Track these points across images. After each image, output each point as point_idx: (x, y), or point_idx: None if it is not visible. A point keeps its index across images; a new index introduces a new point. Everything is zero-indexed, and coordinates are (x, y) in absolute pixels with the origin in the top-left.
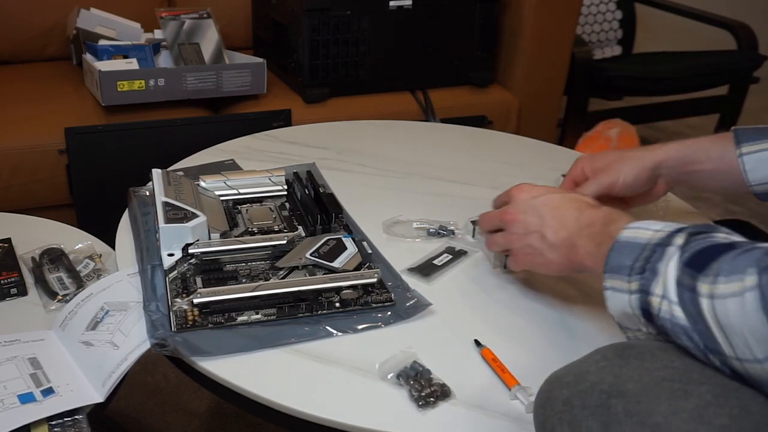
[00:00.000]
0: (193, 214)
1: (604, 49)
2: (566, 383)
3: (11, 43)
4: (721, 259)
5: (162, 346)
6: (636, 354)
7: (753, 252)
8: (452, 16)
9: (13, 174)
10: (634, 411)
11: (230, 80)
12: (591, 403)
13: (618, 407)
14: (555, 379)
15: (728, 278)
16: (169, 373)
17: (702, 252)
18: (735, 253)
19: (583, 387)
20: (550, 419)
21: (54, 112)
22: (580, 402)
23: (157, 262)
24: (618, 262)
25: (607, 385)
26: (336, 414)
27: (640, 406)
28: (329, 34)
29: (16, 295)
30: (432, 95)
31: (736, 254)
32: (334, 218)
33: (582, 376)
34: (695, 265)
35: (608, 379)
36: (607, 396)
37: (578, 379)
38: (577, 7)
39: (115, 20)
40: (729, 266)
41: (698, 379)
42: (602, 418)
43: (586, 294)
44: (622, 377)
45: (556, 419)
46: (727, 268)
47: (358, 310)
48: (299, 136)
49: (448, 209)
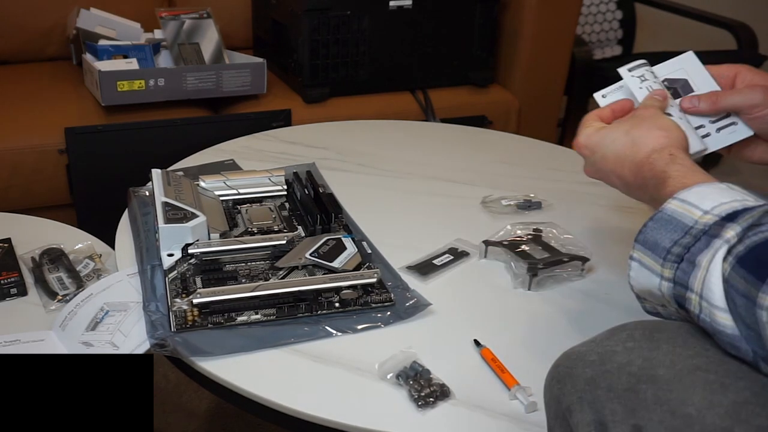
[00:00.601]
0: (193, 214)
1: (604, 49)
2: (590, 362)
3: (11, 43)
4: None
5: (162, 346)
6: (666, 338)
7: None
8: (452, 16)
9: (13, 174)
10: (664, 399)
11: (230, 80)
12: (618, 386)
13: (647, 393)
14: (576, 355)
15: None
16: (169, 373)
17: (761, 248)
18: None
19: (610, 367)
20: (568, 396)
21: (54, 112)
22: (606, 383)
23: (156, 262)
24: (654, 237)
25: (636, 367)
26: (336, 414)
27: (671, 395)
28: (329, 34)
29: (16, 295)
30: (432, 95)
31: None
32: (334, 218)
33: (608, 355)
34: (753, 267)
35: (637, 361)
36: (636, 380)
37: (603, 359)
38: (577, 7)
39: (115, 20)
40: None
41: (735, 372)
42: (629, 403)
43: (587, 294)
44: (653, 361)
45: (575, 398)
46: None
47: (358, 310)
48: (299, 136)
49: (448, 209)
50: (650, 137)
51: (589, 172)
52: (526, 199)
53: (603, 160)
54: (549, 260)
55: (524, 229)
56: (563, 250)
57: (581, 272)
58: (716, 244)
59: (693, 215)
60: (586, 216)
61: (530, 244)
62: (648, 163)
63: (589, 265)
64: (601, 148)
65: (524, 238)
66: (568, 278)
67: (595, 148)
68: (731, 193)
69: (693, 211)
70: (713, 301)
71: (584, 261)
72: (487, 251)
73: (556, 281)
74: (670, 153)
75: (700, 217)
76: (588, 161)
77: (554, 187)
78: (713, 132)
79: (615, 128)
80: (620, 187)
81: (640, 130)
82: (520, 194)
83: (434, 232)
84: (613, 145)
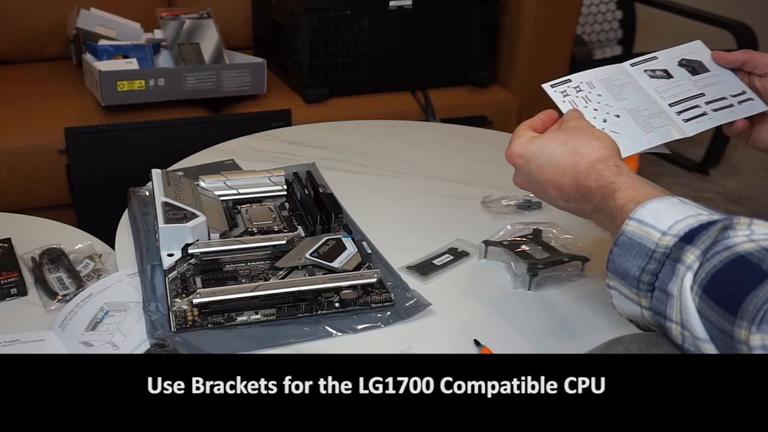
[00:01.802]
0: (193, 214)
1: (604, 49)
2: None
3: (11, 43)
4: (756, 293)
5: (162, 347)
6: (663, 352)
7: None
8: (452, 16)
9: (13, 174)
10: None
11: (230, 80)
12: None
13: None
14: None
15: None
16: None
17: (721, 274)
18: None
19: None
20: None
21: (54, 112)
22: None
23: (156, 262)
24: (623, 266)
25: None
26: None
27: None
28: (329, 34)
29: (16, 295)
30: (432, 95)
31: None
32: (334, 218)
33: None
34: (719, 297)
35: None
36: None
37: None
38: (577, 7)
39: (115, 20)
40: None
41: None
42: None
43: (587, 294)
44: None
45: None
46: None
47: (358, 311)
48: (299, 136)
49: (449, 209)
50: (591, 147)
51: (519, 182)
52: (526, 199)
53: (539, 170)
54: (549, 260)
55: (524, 229)
56: (563, 250)
57: (581, 272)
58: (680, 271)
59: (653, 237)
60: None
61: (530, 244)
62: (594, 172)
63: (589, 265)
64: (537, 158)
65: (524, 238)
66: (568, 278)
67: (531, 157)
68: (684, 208)
69: (652, 233)
70: (696, 333)
71: (584, 261)
72: (487, 251)
73: (556, 281)
74: (615, 164)
75: (659, 239)
76: (520, 171)
77: None
78: (731, 105)
79: (552, 138)
80: (555, 198)
81: (578, 140)
82: (520, 194)
83: (434, 232)
84: (551, 154)
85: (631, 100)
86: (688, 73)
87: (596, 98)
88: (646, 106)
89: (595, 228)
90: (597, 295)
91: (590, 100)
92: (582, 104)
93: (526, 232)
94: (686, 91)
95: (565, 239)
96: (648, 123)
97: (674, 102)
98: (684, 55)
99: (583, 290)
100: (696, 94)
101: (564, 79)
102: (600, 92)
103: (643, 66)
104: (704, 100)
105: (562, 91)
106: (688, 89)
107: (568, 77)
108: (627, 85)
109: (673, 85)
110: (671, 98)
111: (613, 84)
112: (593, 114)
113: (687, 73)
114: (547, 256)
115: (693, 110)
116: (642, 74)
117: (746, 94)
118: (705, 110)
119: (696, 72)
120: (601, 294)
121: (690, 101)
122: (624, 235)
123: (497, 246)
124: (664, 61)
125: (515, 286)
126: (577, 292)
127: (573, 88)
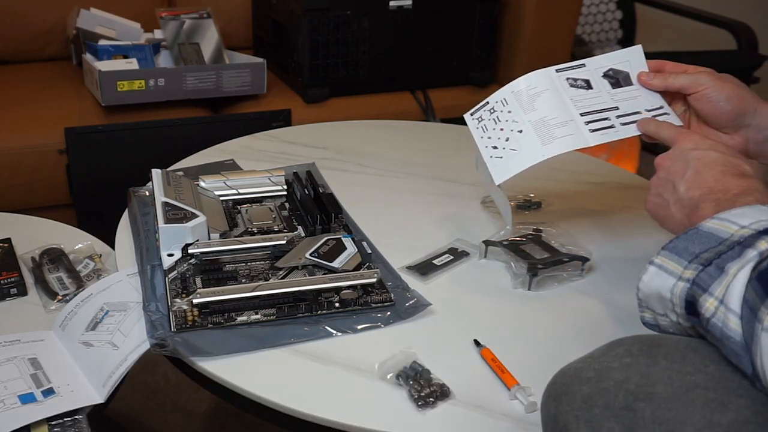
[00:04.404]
0: (193, 214)
1: (604, 49)
2: (587, 378)
3: (11, 43)
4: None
5: (162, 347)
6: (664, 353)
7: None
8: (452, 16)
9: (13, 174)
10: (662, 418)
11: (230, 80)
12: (615, 404)
13: (645, 412)
14: (573, 372)
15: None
16: (169, 373)
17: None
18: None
19: (607, 385)
20: (565, 415)
21: (54, 112)
22: (603, 401)
23: (156, 263)
24: (685, 245)
25: (634, 385)
26: (335, 414)
27: (670, 414)
28: (329, 34)
29: (16, 295)
30: (432, 95)
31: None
32: (334, 218)
33: (605, 372)
34: (765, 282)
35: (634, 378)
36: (633, 398)
37: (600, 376)
38: (577, 7)
39: (115, 20)
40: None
41: (735, 389)
42: (626, 422)
43: (587, 294)
44: (651, 378)
45: (572, 416)
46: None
47: (358, 310)
48: (299, 136)
49: (449, 209)
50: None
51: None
52: (526, 199)
53: (701, 155)
54: (549, 260)
55: (524, 229)
56: (563, 250)
57: (581, 272)
58: (749, 254)
59: (729, 230)
60: (586, 216)
61: (530, 244)
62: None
63: (589, 265)
64: (706, 154)
65: (524, 238)
66: (568, 278)
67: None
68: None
69: (730, 227)
70: (731, 305)
71: (584, 261)
72: (487, 251)
73: (556, 281)
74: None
75: (736, 231)
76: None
77: (554, 187)
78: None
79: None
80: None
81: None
82: (520, 194)
83: (434, 233)
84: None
85: (541, 110)
86: (610, 85)
87: (505, 116)
88: (555, 114)
89: (595, 228)
90: (597, 296)
91: (499, 120)
92: (491, 126)
93: (526, 232)
94: (601, 104)
95: (565, 239)
96: (550, 133)
97: (585, 112)
98: (613, 65)
99: (583, 290)
100: (610, 107)
101: (483, 103)
102: (511, 108)
103: (567, 74)
104: (616, 114)
105: (478, 117)
106: (603, 102)
107: (486, 100)
108: (543, 93)
109: (589, 96)
110: (583, 108)
111: (528, 94)
112: (498, 134)
113: (608, 85)
114: (547, 256)
115: (601, 122)
116: (563, 82)
117: (663, 109)
118: (613, 123)
119: (618, 84)
120: (601, 294)
121: (601, 113)
122: (699, 228)
123: (497, 246)
124: (590, 70)
125: (515, 286)
126: (577, 292)
127: (488, 111)
